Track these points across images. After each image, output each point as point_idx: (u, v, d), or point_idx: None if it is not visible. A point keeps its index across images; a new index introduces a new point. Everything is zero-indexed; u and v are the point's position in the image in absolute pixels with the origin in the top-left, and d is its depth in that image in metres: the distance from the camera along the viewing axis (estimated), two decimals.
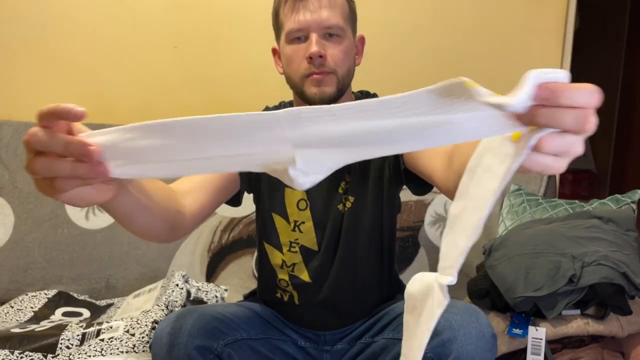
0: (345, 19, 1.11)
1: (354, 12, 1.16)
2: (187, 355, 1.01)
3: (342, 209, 1.19)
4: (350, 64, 1.14)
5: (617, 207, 1.57)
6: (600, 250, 1.32)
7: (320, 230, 1.21)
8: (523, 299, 1.28)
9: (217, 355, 1.05)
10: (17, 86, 1.89)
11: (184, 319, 1.04)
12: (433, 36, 1.89)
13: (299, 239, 1.21)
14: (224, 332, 1.08)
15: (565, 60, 1.91)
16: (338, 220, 1.19)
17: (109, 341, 1.26)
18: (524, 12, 1.88)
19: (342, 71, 1.11)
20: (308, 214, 1.21)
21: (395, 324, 1.16)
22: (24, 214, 1.72)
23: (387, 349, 1.16)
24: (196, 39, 1.88)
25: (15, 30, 1.87)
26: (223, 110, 1.90)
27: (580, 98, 0.51)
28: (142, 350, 1.25)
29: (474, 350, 1.01)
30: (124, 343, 1.25)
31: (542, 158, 0.52)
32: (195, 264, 1.71)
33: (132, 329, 1.28)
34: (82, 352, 1.24)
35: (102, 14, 1.86)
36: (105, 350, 1.24)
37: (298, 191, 1.20)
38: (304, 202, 1.21)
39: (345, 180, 1.19)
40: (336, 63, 1.10)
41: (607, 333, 1.30)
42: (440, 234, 1.73)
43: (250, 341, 1.14)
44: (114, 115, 1.88)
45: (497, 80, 1.91)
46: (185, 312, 1.06)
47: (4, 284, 1.68)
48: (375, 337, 1.19)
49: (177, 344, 1.01)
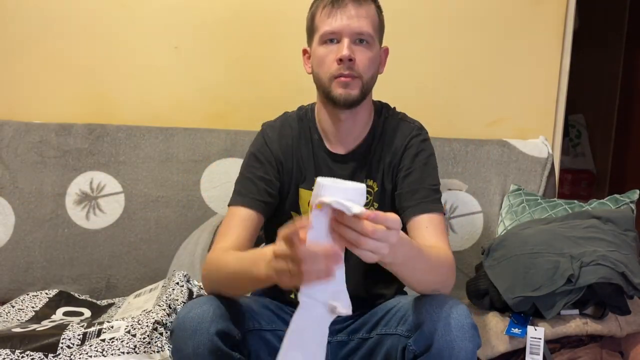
0: (375, 29, 1.23)
1: (383, 25, 1.28)
2: (210, 340, 1.05)
3: None
4: (375, 71, 1.26)
5: (616, 207, 1.57)
6: (598, 250, 1.32)
7: None
8: (521, 298, 1.29)
9: (235, 343, 1.09)
10: (17, 86, 1.90)
11: (205, 305, 1.08)
12: (432, 36, 1.90)
13: None
14: (241, 320, 1.13)
15: (565, 60, 1.91)
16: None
17: (110, 342, 1.26)
18: (524, 12, 1.88)
19: (367, 77, 1.23)
20: None
21: (387, 318, 1.22)
22: (24, 214, 1.72)
23: (381, 344, 1.21)
24: (196, 40, 1.88)
25: (15, 30, 1.87)
26: (223, 111, 1.92)
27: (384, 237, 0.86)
28: (143, 351, 1.25)
29: (453, 340, 1.05)
30: (125, 344, 1.25)
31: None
32: (195, 264, 1.71)
33: (133, 329, 1.28)
34: (83, 352, 1.25)
35: (102, 14, 1.86)
36: (107, 351, 1.24)
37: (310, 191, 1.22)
38: None
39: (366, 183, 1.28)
40: (363, 68, 1.21)
41: (606, 333, 1.30)
42: None
43: (263, 332, 1.20)
44: (114, 116, 1.88)
45: (496, 80, 1.92)
46: (206, 300, 1.11)
47: (5, 284, 1.69)
48: (371, 333, 1.25)
49: (200, 329, 1.05)
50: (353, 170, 1.30)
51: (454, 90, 1.92)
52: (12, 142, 1.75)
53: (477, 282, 1.46)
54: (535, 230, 1.48)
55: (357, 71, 1.21)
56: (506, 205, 1.72)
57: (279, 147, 1.31)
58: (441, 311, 1.08)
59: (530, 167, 1.78)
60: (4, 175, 1.73)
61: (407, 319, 1.15)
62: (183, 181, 1.75)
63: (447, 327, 1.06)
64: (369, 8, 1.23)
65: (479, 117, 1.93)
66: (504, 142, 1.81)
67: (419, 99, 1.93)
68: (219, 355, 1.06)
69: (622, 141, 3.68)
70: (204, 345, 1.05)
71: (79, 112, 1.89)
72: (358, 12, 1.21)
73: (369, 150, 1.31)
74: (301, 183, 1.32)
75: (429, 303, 1.11)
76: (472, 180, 1.76)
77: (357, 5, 1.21)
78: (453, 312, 1.08)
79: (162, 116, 1.89)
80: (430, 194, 1.26)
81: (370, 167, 1.31)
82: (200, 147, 1.77)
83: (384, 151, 1.31)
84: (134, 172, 1.75)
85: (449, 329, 1.06)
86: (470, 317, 1.09)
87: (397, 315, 1.20)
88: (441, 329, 1.06)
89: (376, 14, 1.25)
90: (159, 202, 1.73)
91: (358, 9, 1.21)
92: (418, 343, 1.08)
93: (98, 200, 1.74)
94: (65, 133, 1.76)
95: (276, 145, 1.31)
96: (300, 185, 1.32)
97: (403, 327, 1.16)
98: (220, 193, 1.74)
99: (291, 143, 1.32)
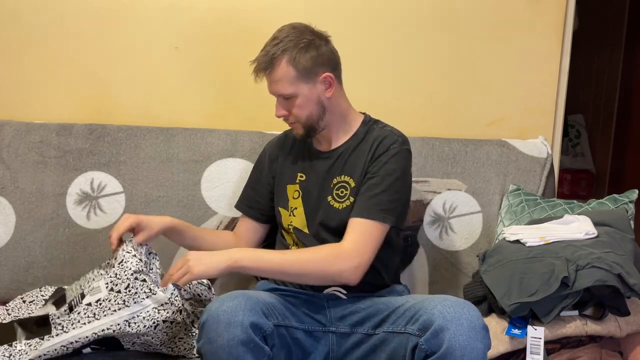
0: (292, 83, 1.38)
1: (306, 67, 1.38)
2: (244, 332, 1.10)
3: (336, 204, 1.42)
4: (312, 109, 1.41)
5: (615, 206, 1.58)
6: (594, 252, 1.32)
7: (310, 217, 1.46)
8: (518, 305, 1.28)
9: (264, 336, 1.15)
10: (17, 86, 1.90)
11: (237, 299, 1.15)
12: (432, 37, 1.90)
13: (292, 222, 1.49)
14: (267, 315, 1.19)
15: (564, 61, 1.92)
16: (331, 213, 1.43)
17: (97, 304, 1.28)
18: (523, 12, 1.88)
19: (303, 118, 1.41)
20: (299, 202, 1.48)
21: (394, 317, 1.27)
22: (25, 214, 1.72)
23: (386, 342, 1.26)
24: (197, 40, 1.88)
25: (15, 30, 1.87)
26: (223, 111, 1.93)
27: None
28: (134, 302, 1.27)
29: (465, 340, 1.08)
30: (113, 301, 1.27)
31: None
32: None
33: (115, 285, 1.29)
34: (74, 320, 1.27)
35: (103, 14, 1.86)
36: (98, 314, 1.27)
37: (294, 185, 1.50)
38: (297, 192, 1.49)
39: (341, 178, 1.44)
40: (296, 116, 1.41)
41: (605, 333, 1.30)
42: (440, 233, 1.75)
43: (280, 327, 1.25)
44: (114, 116, 1.88)
45: (496, 80, 1.93)
46: (237, 294, 1.18)
47: (5, 284, 1.69)
48: (377, 330, 1.30)
49: (234, 321, 1.10)
50: (329, 167, 1.46)
51: (454, 90, 1.93)
52: (13, 142, 1.75)
53: (474, 289, 1.46)
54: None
55: (293, 119, 1.42)
56: (505, 205, 1.72)
57: (270, 157, 1.57)
58: (454, 312, 1.11)
59: (530, 167, 1.78)
60: (4, 175, 1.73)
61: (418, 318, 1.18)
62: (183, 181, 1.75)
63: (460, 328, 1.09)
64: (278, 70, 1.37)
65: (479, 117, 1.93)
66: (504, 142, 1.82)
67: (418, 99, 1.93)
68: (251, 347, 1.10)
69: (621, 141, 3.69)
70: (238, 337, 1.09)
71: (80, 112, 1.89)
72: (272, 78, 1.40)
73: (347, 151, 1.46)
74: (289, 181, 1.51)
75: (441, 304, 1.15)
76: (472, 180, 1.77)
77: (269, 72, 1.39)
78: (465, 313, 1.11)
79: (163, 116, 1.89)
80: (377, 202, 1.36)
81: (347, 165, 1.44)
82: (200, 147, 1.77)
83: (362, 152, 1.43)
84: (134, 172, 1.75)
85: (462, 329, 1.09)
86: (481, 318, 1.13)
87: (407, 315, 1.23)
88: (454, 329, 1.09)
89: (289, 66, 1.37)
90: (159, 202, 1.74)
91: (270, 75, 1.39)
92: (430, 342, 1.11)
93: (99, 200, 1.74)
94: (65, 133, 1.76)
95: (269, 157, 1.58)
96: (288, 183, 1.51)
97: (414, 326, 1.18)
98: (220, 193, 1.74)
99: (285, 150, 1.55)
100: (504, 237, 1.52)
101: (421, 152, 1.77)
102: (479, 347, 1.09)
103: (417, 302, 1.23)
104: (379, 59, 1.92)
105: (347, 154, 1.45)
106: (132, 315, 1.26)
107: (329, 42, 1.45)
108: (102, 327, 1.26)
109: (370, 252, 1.34)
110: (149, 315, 1.27)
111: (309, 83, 1.39)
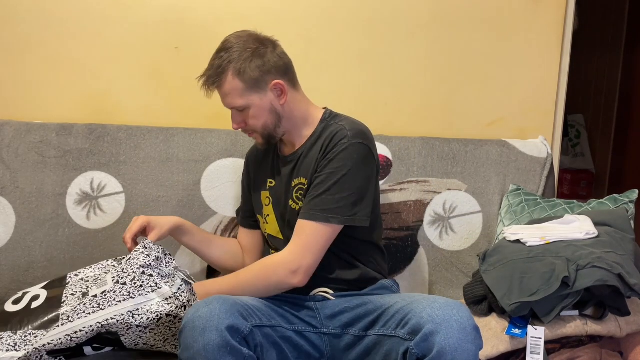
0: (242, 95, 1.36)
1: (252, 78, 1.36)
2: (220, 336, 1.09)
3: (294, 206, 1.42)
4: (266, 118, 1.39)
5: (615, 206, 1.58)
6: (594, 252, 1.32)
7: (281, 222, 1.47)
8: (519, 304, 1.28)
9: (244, 338, 1.14)
10: (17, 86, 1.90)
11: (213, 304, 1.14)
12: (432, 36, 1.90)
13: (266, 229, 1.51)
14: (245, 316, 1.18)
15: (564, 61, 1.92)
16: (293, 216, 1.41)
17: (102, 295, 1.29)
18: (523, 12, 1.89)
19: (259, 127, 1.40)
20: (271, 208, 1.49)
21: (384, 319, 1.25)
22: (25, 214, 1.72)
23: (380, 344, 1.24)
24: (197, 40, 1.88)
25: (15, 30, 1.87)
26: (223, 111, 1.93)
27: None
28: (139, 294, 1.28)
29: (456, 343, 1.07)
30: (119, 293, 1.28)
31: None
32: (196, 263, 1.72)
33: (120, 278, 1.30)
34: (79, 311, 1.28)
35: (103, 14, 1.86)
36: (103, 305, 1.28)
37: (265, 191, 1.51)
38: (268, 199, 1.50)
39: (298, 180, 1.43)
40: (252, 126, 1.41)
41: (606, 333, 1.30)
42: (440, 233, 1.75)
43: (264, 327, 1.23)
44: (115, 116, 1.88)
45: (496, 80, 1.93)
46: (213, 299, 1.17)
47: (5, 284, 1.69)
48: (368, 332, 1.28)
49: (210, 326, 1.10)
50: (291, 170, 1.45)
51: (454, 90, 1.93)
52: (13, 142, 1.75)
53: (474, 288, 1.45)
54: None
55: (249, 129, 1.42)
56: (505, 205, 1.72)
57: (247, 169, 1.60)
58: (443, 314, 1.10)
59: (530, 167, 1.79)
60: (4, 175, 1.73)
61: (407, 322, 1.16)
62: (183, 181, 1.75)
63: (450, 330, 1.07)
64: (225, 84, 1.36)
65: (479, 117, 1.94)
66: (504, 142, 1.82)
67: (418, 99, 1.93)
68: (228, 350, 1.09)
69: (621, 141, 3.69)
70: (214, 341, 1.08)
71: (80, 112, 1.89)
72: (221, 92, 1.39)
73: (304, 152, 1.44)
74: (261, 188, 1.53)
75: (430, 306, 1.13)
76: (472, 180, 1.77)
77: (217, 86, 1.38)
78: (455, 315, 1.09)
79: (163, 116, 1.89)
80: (320, 203, 1.34)
81: (303, 166, 1.42)
82: (200, 147, 1.77)
83: (314, 151, 1.41)
84: (134, 172, 1.75)
85: (452, 332, 1.07)
86: (472, 319, 1.11)
87: (396, 317, 1.21)
88: (444, 332, 1.07)
89: (236, 79, 1.35)
90: (159, 202, 1.74)
91: (220, 89, 1.38)
92: (420, 346, 1.09)
93: (99, 200, 1.74)
94: (65, 133, 1.76)
95: (245, 169, 1.61)
96: (262, 190, 1.53)
97: (403, 330, 1.17)
98: (220, 193, 1.74)
99: (259, 159, 1.56)
100: (504, 237, 1.52)
101: (421, 152, 1.77)
102: (470, 349, 1.08)
103: (407, 303, 1.21)
104: (379, 59, 1.91)
105: (304, 155, 1.43)
106: (137, 307, 1.27)
107: (277, 46, 1.41)
108: (106, 317, 1.26)
109: (314, 254, 1.32)
110: (152, 308, 1.27)
111: (260, 93, 1.37)
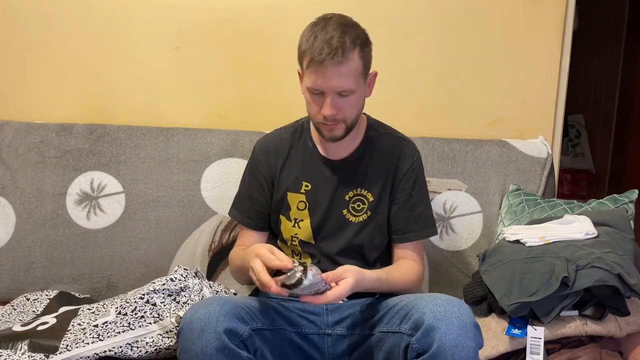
0: (356, 79, 1.26)
1: (368, 60, 1.29)
2: (218, 339, 1.08)
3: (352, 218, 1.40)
4: (360, 108, 1.33)
5: (615, 206, 1.58)
6: (594, 252, 1.32)
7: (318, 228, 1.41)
8: (518, 305, 1.28)
9: (242, 341, 1.13)
10: (17, 86, 1.90)
11: (212, 305, 1.12)
12: (432, 36, 1.90)
13: (297, 233, 1.43)
14: (246, 319, 1.16)
15: (564, 61, 1.92)
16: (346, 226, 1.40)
17: (103, 326, 1.28)
18: (523, 12, 1.88)
19: (351, 118, 1.31)
20: (306, 213, 1.42)
21: (389, 316, 1.26)
22: (25, 214, 1.72)
23: (382, 341, 1.25)
24: (197, 40, 1.88)
25: (15, 30, 1.87)
26: (223, 111, 1.93)
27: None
28: (138, 325, 1.28)
29: (455, 339, 1.08)
30: (119, 324, 1.28)
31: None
32: (196, 263, 1.72)
33: (122, 309, 1.30)
34: (79, 340, 1.26)
35: (103, 14, 1.87)
36: (102, 335, 1.26)
37: (299, 194, 1.42)
38: (303, 203, 1.42)
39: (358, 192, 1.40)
40: (346, 115, 1.29)
41: (605, 333, 1.30)
42: (440, 233, 1.74)
43: (265, 331, 1.22)
44: (115, 116, 1.88)
45: (496, 80, 1.93)
46: (212, 300, 1.16)
47: (5, 284, 1.69)
48: (373, 330, 1.29)
49: (208, 328, 1.09)
50: (343, 178, 1.41)
51: (454, 90, 1.93)
52: (13, 142, 1.75)
53: (474, 289, 1.45)
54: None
55: (341, 118, 1.29)
56: (505, 205, 1.72)
57: (267, 163, 1.45)
58: (444, 310, 1.11)
59: (530, 167, 1.79)
60: (4, 175, 1.73)
61: (410, 317, 1.18)
62: (183, 181, 1.75)
63: (450, 326, 1.08)
64: (350, 63, 1.24)
65: (479, 117, 1.94)
66: (504, 142, 1.82)
67: (418, 99, 1.93)
68: (226, 353, 1.08)
69: (621, 141, 3.69)
70: (212, 344, 1.07)
71: (80, 112, 1.89)
72: (339, 72, 1.23)
73: (360, 160, 1.40)
74: (290, 188, 1.43)
75: (432, 302, 1.14)
76: (472, 180, 1.77)
77: (338, 65, 1.22)
78: (456, 312, 1.10)
79: (163, 116, 1.89)
80: (421, 219, 1.43)
81: (363, 177, 1.40)
82: (200, 147, 1.77)
83: (378, 164, 1.40)
84: (134, 172, 1.75)
85: (452, 328, 1.08)
86: (472, 316, 1.12)
87: (400, 314, 1.22)
88: (444, 328, 1.08)
89: (359, 60, 1.25)
90: (159, 202, 1.74)
91: (339, 68, 1.23)
92: (421, 341, 1.10)
93: (99, 200, 1.74)
94: (65, 133, 1.76)
95: (264, 162, 1.46)
96: (289, 190, 1.43)
97: (406, 325, 1.18)
98: (220, 193, 1.74)
99: (283, 154, 1.45)
100: (504, 237, 1.52)
101: (421, 152, 1.75)
102: (469, 345, 1.09)
103: (410, 300, 1.23)
104: (379, 59, 1.91)
105: (360, 164, 1.40)
106: (136, 339, 1.26)
107: None
108: (104, 349, 1.25)
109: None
110: (152, 341, 1.27)
111: (365, 79, 1.31)
